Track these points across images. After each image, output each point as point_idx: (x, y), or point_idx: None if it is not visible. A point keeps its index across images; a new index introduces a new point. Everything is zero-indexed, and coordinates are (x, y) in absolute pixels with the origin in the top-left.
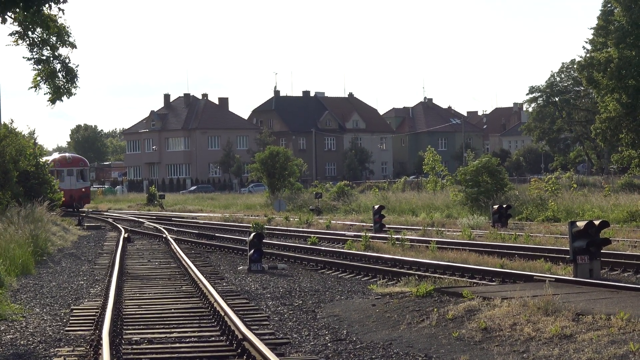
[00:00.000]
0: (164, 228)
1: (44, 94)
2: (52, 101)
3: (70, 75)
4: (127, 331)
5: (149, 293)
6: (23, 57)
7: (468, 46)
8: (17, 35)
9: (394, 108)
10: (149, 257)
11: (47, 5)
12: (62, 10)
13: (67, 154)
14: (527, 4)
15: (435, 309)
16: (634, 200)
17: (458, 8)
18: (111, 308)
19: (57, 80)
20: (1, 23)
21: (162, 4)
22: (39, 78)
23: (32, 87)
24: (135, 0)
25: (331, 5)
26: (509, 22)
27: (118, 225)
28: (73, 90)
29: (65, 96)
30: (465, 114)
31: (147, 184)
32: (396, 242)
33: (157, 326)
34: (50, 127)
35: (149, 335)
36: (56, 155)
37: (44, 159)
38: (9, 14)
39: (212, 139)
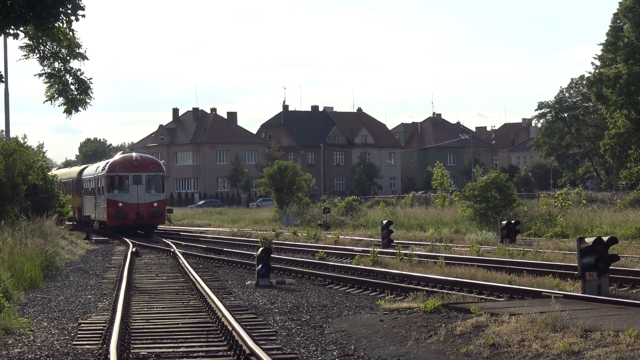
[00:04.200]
0: (172, 242)
1: (59, 105)
2: (68, 112)
3: (83, 87)
4: (135, 346)
5: (157, 307)
6: (34, 75)
7: (477, 62)
8: (28, 48)
9: (402, 123)
10: (157, 272)
11: (58, 23)
12: (73, 31)
13: (133, 154)
14: (536, 20)
15: (443, 325)
16: None
17: (467, 24)
18: (119, 322)
19: (70, 93)
20: (14, 39)
21: (171, 19)
22: (52, 91)
23: (47, 100)
24: (144, 15)
25: (340, 21)
26: (518, 38)
27: (126, 239)
28: (88, 100)
29: (80, 107)
30: (474, 130)
31: None
32: (404, 258)
33: (164, 341)
34: (58, 142)
35: (156, 350)
36: (117, 157)
37: (82, 167)
38: (22, 28)
39: (221, 154)
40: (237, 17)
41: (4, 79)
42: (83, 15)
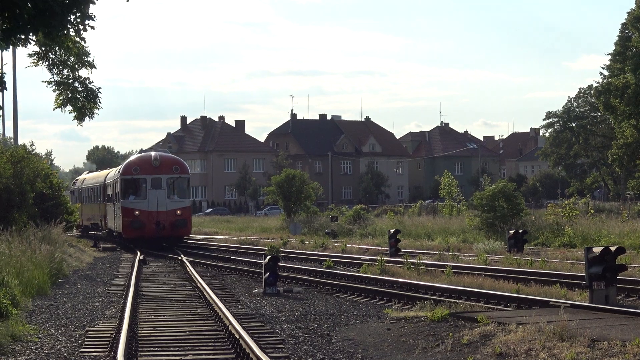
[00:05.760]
0: (179, 250)
1: (68, 112)
2: (78, 119)
3: (92, 96)
4: (142, 353)
5: (164, 315)
6: (43, 81)
7: (484, 71)
8: (37, 56)
9: (410, 132)
10: (164, 279)
11: (67, 31)
12: (83, 39)
13: (152, 153)
14: (544, 30)
15: (450, 334)
16: None
17: (475, 33)
18: (126, 330)
19: (79, 102)
20: (22, 46)
21: (178, 28)
22: (61, 99)
23: (57, 108)
24: (152, 23)
25: (347, 30)
26: (526, 48)
27: (133, 247)
28: (95, 110)
29: (88, 117)
30: (482, 139)
31: None
32: (412, 267)
33: (171, 348)
34: (66, 149)
35: (163, 358)
36: (134, 157)
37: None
38: (31, 36)
39: (229, 162)
40: (244, 26)
41: (6, 87)
42: (92, 27)
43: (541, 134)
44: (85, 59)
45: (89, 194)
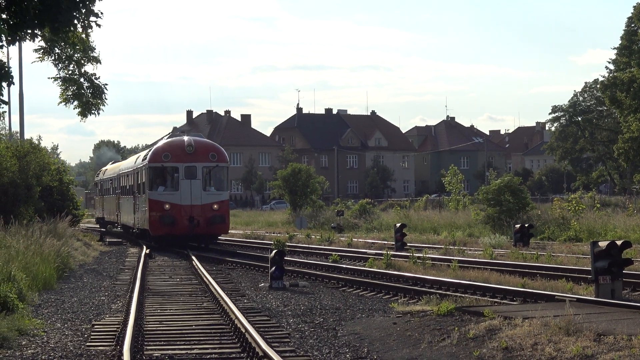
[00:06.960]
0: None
1: (73, 108)
2: (83, 114)
3: (98, 91)
4: (148, 347)
5: (170, 309)
6: (49, 78)
7: (490, 66)
8: (42, 50)
9: (416, 126)
10: (171, 274)
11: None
12: (89, 36)
13: (185, 137)
14: (550, 24)
15: (456, 328)
16: None
17: (480, 28)
18: (132, 324)
19: (85, 97)
20: (30, 40)
21: (184, 22)
22: (67, 94)
23: (61, 102)
24: (158, 18)
25: (353, 24)
26: (532, 42)
27: (139, 241)
28: (101, 106)
29: (94, 112)
30: (488, 133)
31: None
32: (417, 261)
33: (178, 342)
34: (71, 143)
35: (169, 352)
36: (163, 142)
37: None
38: (38, 31)
39: (234, 156)
40: (249, 21)
41: (13, 81)
42: (99, 25)
43: (547, 128)
44: (91, 54)
45: (108, 186)
